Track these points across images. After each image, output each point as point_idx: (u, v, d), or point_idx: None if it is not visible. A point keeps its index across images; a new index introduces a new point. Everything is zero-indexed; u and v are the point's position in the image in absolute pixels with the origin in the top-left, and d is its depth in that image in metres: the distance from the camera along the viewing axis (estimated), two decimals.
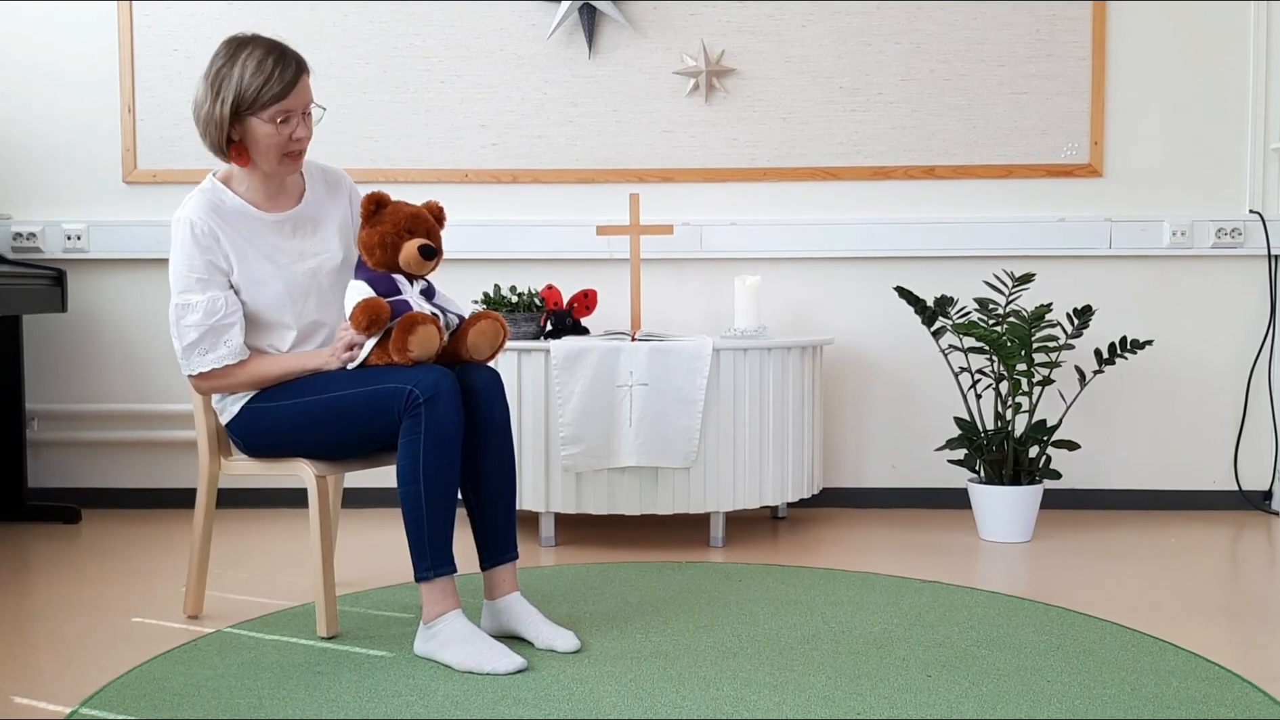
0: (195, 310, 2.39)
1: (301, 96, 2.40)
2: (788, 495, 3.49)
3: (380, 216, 2.40)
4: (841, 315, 3.96)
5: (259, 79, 2.36)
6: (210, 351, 2.40)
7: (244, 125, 2.39)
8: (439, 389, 2.27)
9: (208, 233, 2.40)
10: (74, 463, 4.03)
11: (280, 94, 2.37)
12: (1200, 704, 2.04)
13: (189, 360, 2.41)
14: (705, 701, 2.06)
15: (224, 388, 2.45)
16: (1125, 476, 3.94)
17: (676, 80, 3.91)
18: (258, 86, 2.35)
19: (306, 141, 2.44)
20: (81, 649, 2.40)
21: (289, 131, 2.40)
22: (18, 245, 3.94)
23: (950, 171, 3.90)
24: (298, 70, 2.40)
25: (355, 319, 2.30)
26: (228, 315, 2.40)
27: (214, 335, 2.39)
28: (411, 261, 2.38)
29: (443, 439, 2.27)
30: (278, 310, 2.46)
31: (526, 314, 3.49)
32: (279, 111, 2.37)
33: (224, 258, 2.41)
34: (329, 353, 2.42)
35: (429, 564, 2.29)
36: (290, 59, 2.40)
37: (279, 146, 2.40)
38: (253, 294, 2.44)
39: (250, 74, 2.36)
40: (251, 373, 2.43)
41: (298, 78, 2.39)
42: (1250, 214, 3.85)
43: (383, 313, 2.31)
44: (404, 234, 2.39)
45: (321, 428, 2.40)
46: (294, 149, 2.42)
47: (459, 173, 3.94)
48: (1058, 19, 3.86)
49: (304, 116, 2.43)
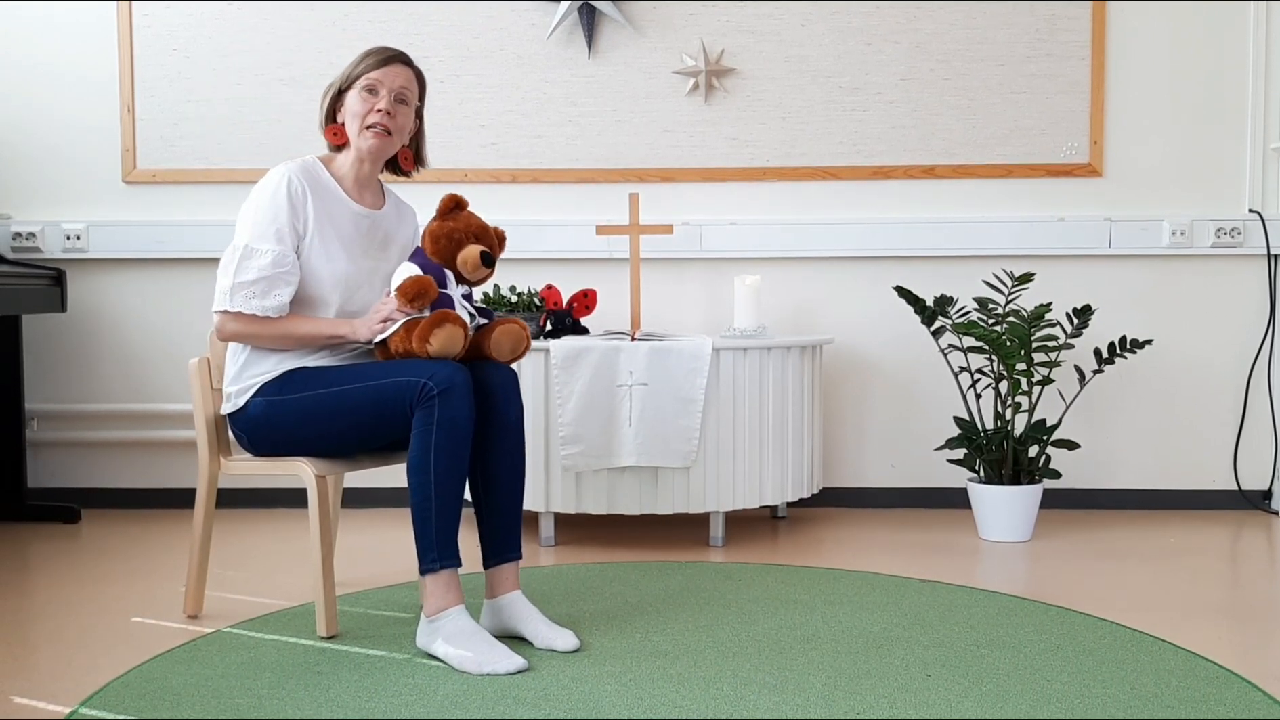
0: (264, 256, 2.44)
1: (392, 76, 2.54)
2: (787, 495, 3.49)
3: (455, 215, 2.51)
4: (841, 315, 3.96)
5: (360, 58, 2.57)
6: (258, 298, 2.43)
7: (343, 102, 2.57)
8: (453, 382, 2.29)
9: (300, 194, 2.48)
10: (74, 463, 4.03)
11: (372, 65, 2.54)
12: (1200, 704, 2.04)
13: (234, 297, 2.43)
14: (705, 701, 2.06)
15: (248, 335, 2.47)
16: (1125, 476, 3.94)
17: (676, 80, 3.91)
18: (356, 63, 2.57)
19: (389, 120, 2.52)
20: (81, 649, 2.40)
21: (373, 102, 2.51)
22: (17, 245, 3.94)
23: (950, 171, 3.90)
24: (395, 55, 2.57)
25: (404, 288, 2.36)
26: (290, 273, 2.46)
27: (269, 284, 2.43)
28: (470, 262, 2.45)
29: (454, 432, 2.28)
30: (330, 289, 2.50)
31: (526, 314, 3.50)
32: (368, 82, 2.52)
33: (304, 222, 2.48)
34: (361, 321, 2.45)
35: (434, 556, 2.30)
36: (391, 49, 2.59)
37: (361, 115, 2.52)
38: (316, 266, 2.49)
39: (356, 58, 2.58)
40: (282, 328, 2.46)
41: (392, 60, 2.56)
42: (1250, 214, 3.85)
43: (431, 290, 2.38)
44: (470, 237, 2.48)
45: (331, 422, 2.41)
46: (375, 120, 2.51)
47: (459, 172, 3.94)
48: (1058, 19, 3.86)
49: (395, 101, 2.53)
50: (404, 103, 2.56)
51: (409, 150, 2.66)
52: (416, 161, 2.69)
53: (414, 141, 2.66)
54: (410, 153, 2.66)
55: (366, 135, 2.52)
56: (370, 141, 2.52)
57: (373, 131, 2.52)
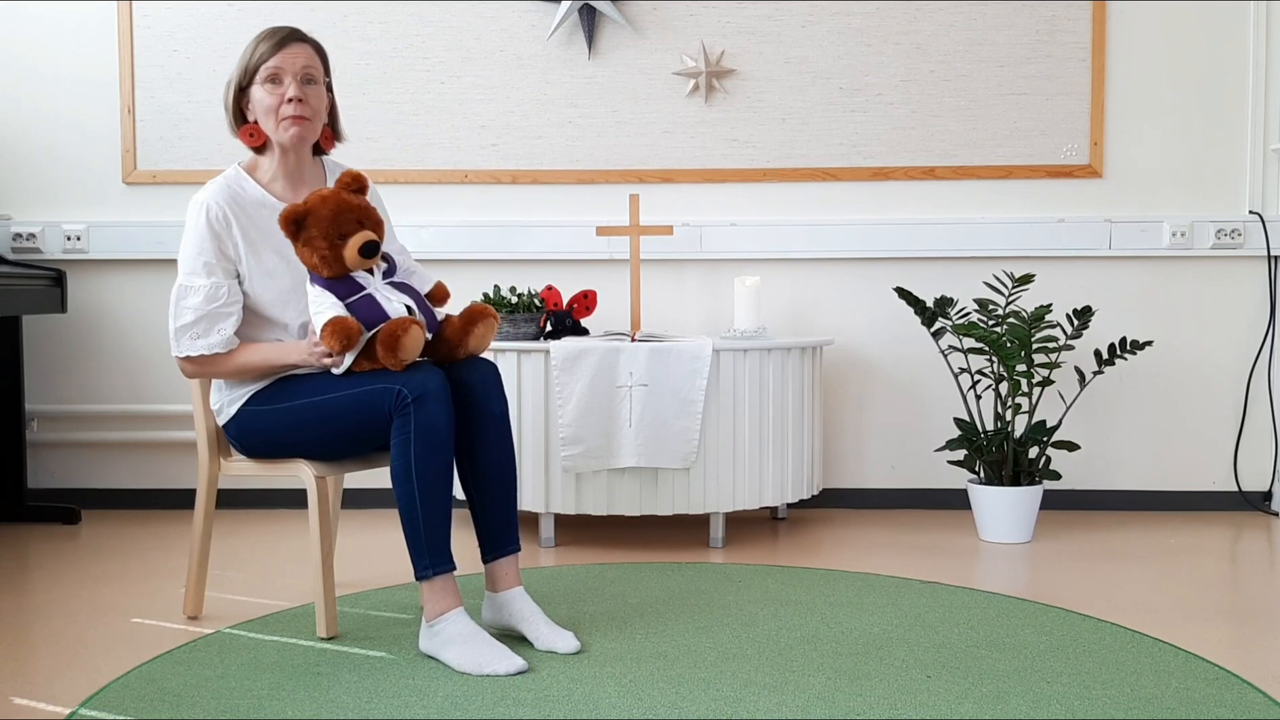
0: (197, 294, 2.41)
1: (292, 58, 2.44)
2: (787, 496, 3.49)
3: (306, 233, 2.30)
4: (841, 316, 3.96)
5: (252, 48, 2.46)
6: (202, 337, 2.41)
7: (249, 98, 2.47)
8: (427, 388, 2.27)
9: (221, 219, 2.42)
10: (74, 463, 4.03)
11: (267, 53, 2.44)
12: (1200, 704, 2.04)
13: (179, 342, 2.43)
14: (705, 702, 2.05)
15: (208, 374, 2.47)
16: (1125, 477, 3.94)
17: (676, 81, 3.91)
18: (249, 53, 2.46)
19: (302, 107, 2.43)
20: (81, 650, 2.40)
21: (281, 92, 2.43)
22: (18, 245, 3.94)
23: (950, 172, 3.90)
24: (289, 35, 2.46)
25: (327, 341, 2.26)
26: (227, 304, 2.42)
27: (209, 321, 2.41)
28: (357, 264, 2.32)
29: (433, 437, 2.27)
30: (280, 306, 2.47)
31: (526, 314, 3.49)
32: (269, 71, 2.43)
33: (233, 247, 2.43)
34: (305, 349, 2.39)
35: (427, 563, 2.30)
36: (281, 28, 2.47)
37: (273, 109, 2.43)
38: (260, 286, 2.45)
39: (248, 48, 2.47)
40: (236, 362, 2.43)
41: (286, 40, 2.45)
42: (1250, 214, 3.85)
43: (353, 334, 2.26)
44: (336, 241, 2.30)
45: (315, 429, 2.41)
46: (288, 111, 2.43)
47: (459, 173, 3.94)
48: (1058, 19, 3.86)
49: (301, 83, 2.44)
50: (312, 82, 2.46)
51: (327, 128, 2.56)
52: (335, 137, 2.59)
53: (329, 116, 2.56)
54: (329, 130, 2.57)
55: (284, 127, 2.44)
56: (290, 133, 2.44)
57: (290, 122, 2.43)
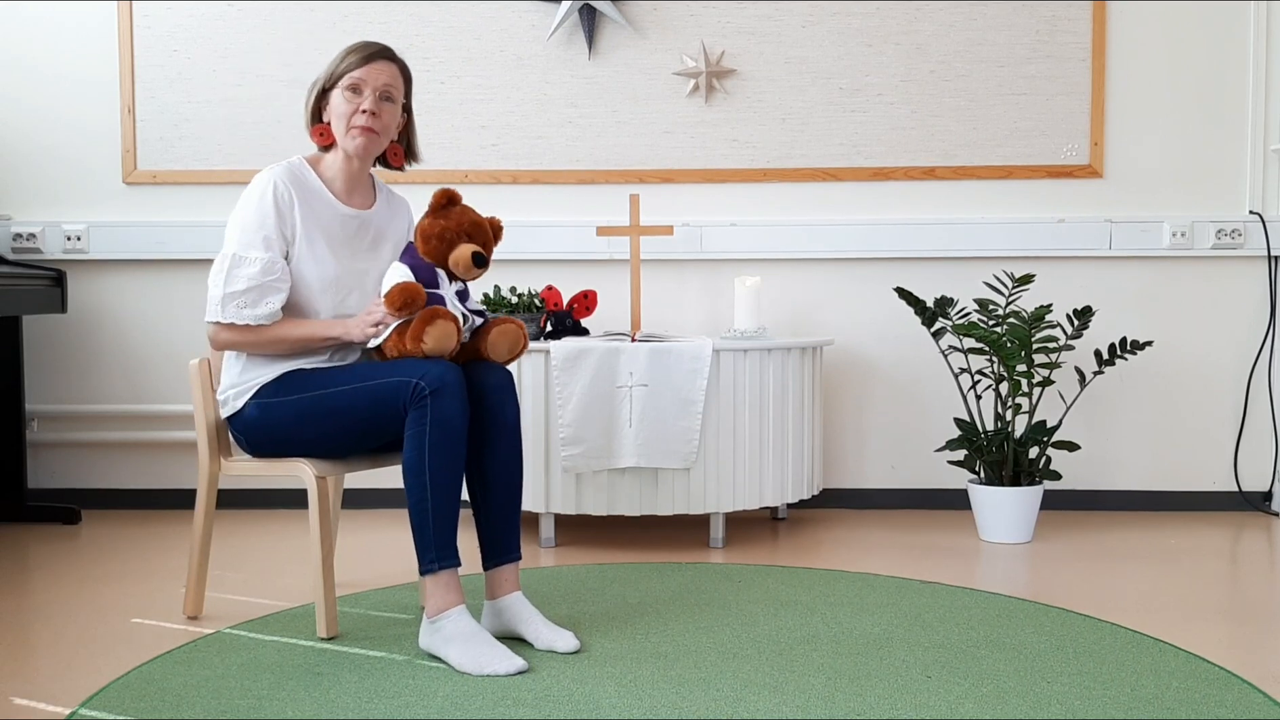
0: (254, 264, 2.43)
1: (376, 73, 2.51)
2: (788, 496, 3.49)
3: (448, 212, 2.46)
4: (841, 316, 3.96)
5: (342, 56, 2.54)
6: (249, 307, 2.42)
7: (328, 101, 2.54)
8: (444, 381, 2.28)
9: (287, 199, 2.46)
10: (74, 463, 4.03)
11: (354, 64, 2.51)
12: (1200, 705, 2.04)
13: (225, 308, 2.43)
14: (705, 702, 2.05)
15: (242, 344, 2.47)
16: (1125, 477, 3.94)
17: (676, 81, 3.91)
18: (339, 60, 2.53)
19: (374, 121, 2.50)
20: (81, 650, 2.40)
21: (358, 102, 2.49)
22: (18, 246, 3.94)
23: (950, 172, 3.90)
24: (378, 51, 2.54)
25: (391, 297, 2.33)
26: (280, 279, 2.44)
27: (260, 293, 2.42)
28: (461, 263, 2.42)
29: (448, 431, 2.28)
30: (320, 293, 2.49)
31: (527, 314, 3.50)
32: (352, 81, 2.50)
33: (291, 228, 2.47)
34: (354, 322, 2.44)
35: (433, 556, 2.30)
36: (374, 44, 2.55)
37: (346, 116, 2.50)
38: (306, 269, 2.48)
39: (339, 55, 2.55)
40: (275, 333, 2.45)
41: (375, 56, 2.53)
42: (1250, 215, 3.85)
43: (419, 297, 2.34)
44: (463, 235, 2.44)
45: (327, 422, 2.41)
46: (359, 122, 2.49)
47: (459, 173, 3.94)
48: (1058, 20, 3.86)
49: (380, 99, 2.51)
50: (389, 100, 2.53)
51: (398, 146, 2.64)
52: (408, 156, 2.67)
53: (404, 136, 2.64)
54: (400, 148, 2.64)
55: (352, 136, 2.51)
56: (356, 142, 2.51)
57: (358, 131, 2.50)
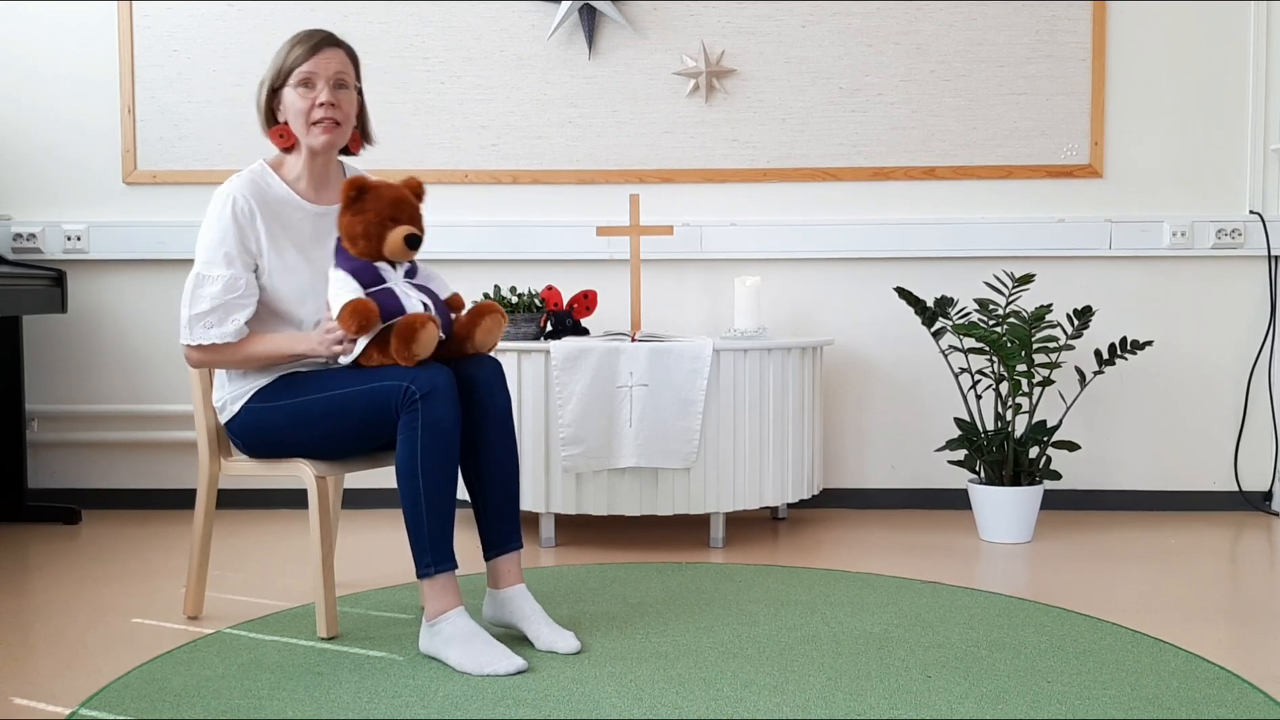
0: (215, 283, 2.41)
1: (325, 62, 2.47)
2: (788, 496, 3.49)
3: (363, 204, 2.36)
4: (841, 316, 3.96)
5: (286, 50, 2.49)
6: (215, 326, 2.41)
7: (281, 100, 2.49)
8: (435, 384, 2.28)
9: (246, 212, 2.44)
10: (74, 463, 4.03)
11: (301, 57, 2.46)
12: (1200, 704, 2.04)
13: (192, 329, 2.43)
14: (705, 702, 2.05)
15: (215, 363, 2.47)
16: (1125, 477, 3.94)
17: (676, 81, 3.91)
18: (283, 55, 2.48)
19: (334, 111, 2.46)
20: (81, 650, 2.40)
21: (313, 96, 2.45)
22: (18, 246, 3.94)
23: (950, 172, 3.90)
24: (323, 40, 2.49)
25: (344, 323, 2.29)
26: (244, 296, 2.43)
27: (224, 311, 2.41)
28: (397, 252, 2.36)
29: (440, 434, 2.27)
30: (297, 302, 2.47)
31: (526, 314, 3.49)
32: (302, 75, 2.45)
33: (256, 240, 2.44)
34: (316, 338, 2.40)
35: (429, 560, 2.30)
36: (317, 32, 2.51)
37: (304, 113, 2.46)
38: (279, 281, 2.46)
39: (282, 50, 2.49)
40: (244, 351, 2.44)
41: (320, 45, 2.48)
42: (1250, 214, 3.85)
43: (372, 316, 2.29)
44: (388, 222, 2.37)
45: (320, 425, 2.41)
46: (318, 115, 2.46)
47: (459, 173, 3.94)
48: (1058, 20, 3.86)
49: (332, 88, 2.47)
50: (343, 87, 2.49)
51: (355, 131, 2.59)
52: (364, 139, 2.62)
53: (358, 119, 2.58)
54: (358, 133, 2.60)
55: (315, 131, 2.47)
56: (321, 138, 2.47)
57: (321, 127, 2.46)
